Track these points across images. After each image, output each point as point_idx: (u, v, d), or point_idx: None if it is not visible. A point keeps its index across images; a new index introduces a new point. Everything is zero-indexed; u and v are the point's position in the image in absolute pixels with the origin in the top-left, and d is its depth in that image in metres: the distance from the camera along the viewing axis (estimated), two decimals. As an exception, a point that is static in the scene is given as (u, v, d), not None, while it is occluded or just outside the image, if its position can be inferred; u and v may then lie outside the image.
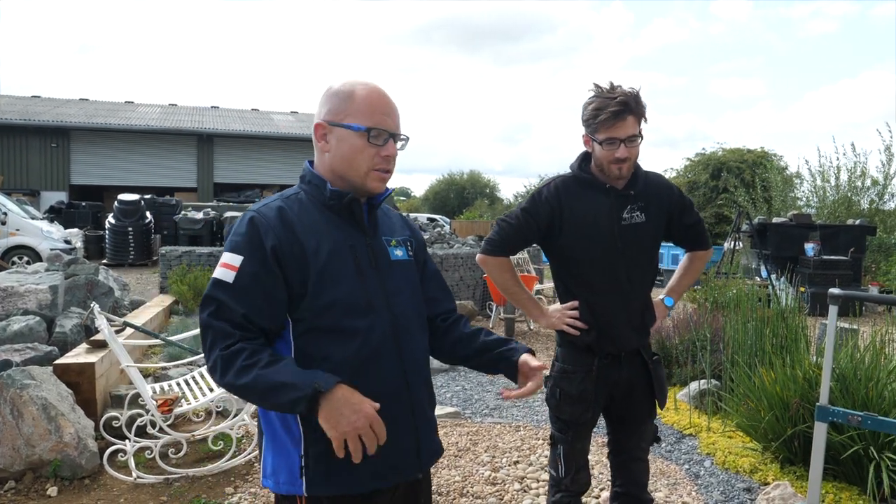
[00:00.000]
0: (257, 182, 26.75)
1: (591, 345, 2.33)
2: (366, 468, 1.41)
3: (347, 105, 1.51)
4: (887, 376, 3.96)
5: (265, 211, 1.48)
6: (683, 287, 2.62)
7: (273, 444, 1.49)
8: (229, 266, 1.41)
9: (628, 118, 2.19)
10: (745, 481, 3.84)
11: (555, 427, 2.45)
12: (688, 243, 2.54)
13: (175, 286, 7.94)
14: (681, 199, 2.45)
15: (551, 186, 2.36)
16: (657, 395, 2.41)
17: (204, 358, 1.42)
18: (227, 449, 3.86)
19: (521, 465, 3.98)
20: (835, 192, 16.99)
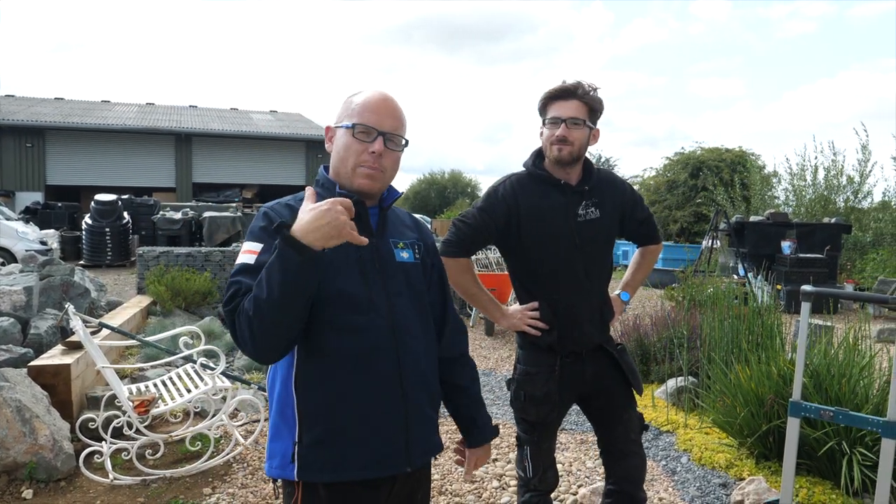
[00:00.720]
0: (237, 182, 26.54)
1: (552, 344, 2.31)
2: (355, 458, 1.49)
3: (345, 108, 1.61)
4: (860, 373, 4.03)
5: (276, 206, 1.57)
6: (637, 281, 2.63)
7: (274, 430, 1.54)
8: (250, 251, 1.47)
9: (572, 101, 2.22)
10: (721, 477, 3.88)
11: (520, 428, 2.43)
12: (640, 238, 2.57)
13: (153, 287, 7.86)
14: (632, 195, 2.47)
15: (507, 184, 2.34)
16: (631, 381, 2.39)
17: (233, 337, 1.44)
18: (205, 450, 3.84)
19: (499, 462, 4.00)
20: (812, 190, 17.22)
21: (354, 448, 1.49)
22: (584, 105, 2.23)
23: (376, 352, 1.52)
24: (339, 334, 1.49)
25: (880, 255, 14.40)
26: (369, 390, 1.50)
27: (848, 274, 13.92)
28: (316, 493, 1.49)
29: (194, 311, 8.02)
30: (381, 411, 1.51)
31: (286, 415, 1.51)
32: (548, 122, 2.25)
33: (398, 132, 1.60)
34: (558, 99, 2.22)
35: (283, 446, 1.51)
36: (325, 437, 1.48)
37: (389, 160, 1.59)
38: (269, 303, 1.33)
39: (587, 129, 2.26)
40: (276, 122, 29.57)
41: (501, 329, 8.74)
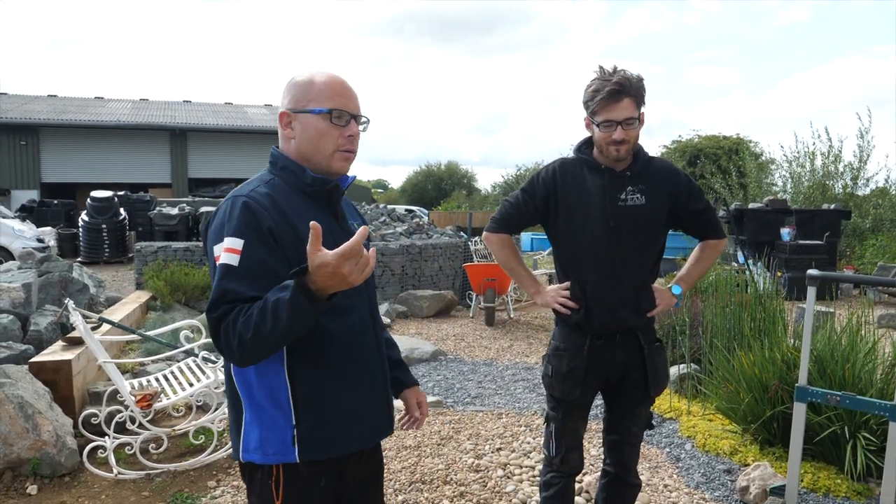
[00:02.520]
0: (232, 176, 26.39)
1: (580, 324, 2.36)
2: (352, 432, 1.57)
3: (308, 92, 1.58)
4: (863, 358, 4.03)
5: (255, 196, 1.50)
6: (693, 276, 2.60)
7: (259, 421, 1.52)
8: (232, 250, 1.42)
9: (625, 100, 2.20)
10: (726, 463, 3.88)
11: (548, 405, 2.50)
12: (697, 231, 2.52)
13: (151, 282, 7.83)
14: (688, 185, 2.44)
15: (550, 168, 2.44)
16: (650, 382, 2.41)
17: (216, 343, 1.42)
18: (208, 443, 3.82)
19: (503, 451, 4.00)
20: (810, 177, 17.19)
21: (352, 423, 1.57)
22: (633, 101, 2.23)
23: (363, 331, 1.61)
24: (330, 318, 1.51)
25: (879, 240, 14.40)
26: (360, 368, 1.59)
27: (847, 260, 13.93)
28: (297, 471, 1.53)
29: (193, 305, 8.00)
30: (371, 386, 1.62)
31: (279, 401, 1.51)
32: (602, 126, 2.25)
33: (361, 112, 1.63)
34: (611, 102, 2.21)
35: (279, 434, 1.51)
36: (325, 418, 1.53)
37: (357, 143, 1.63)
38: (272, 336, 1.34)
39: (640, 122, 2.28)
40: (271, 115, 29.43)
41: (502, 319, 8.73)
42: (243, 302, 1.38)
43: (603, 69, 2.28)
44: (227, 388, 1.60)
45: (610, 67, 2.27)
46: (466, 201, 40.40)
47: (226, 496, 3.35)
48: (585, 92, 2.31)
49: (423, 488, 3.45)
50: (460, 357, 6.71)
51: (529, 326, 8.40)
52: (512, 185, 38.31)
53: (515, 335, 7.83)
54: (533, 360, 6.58)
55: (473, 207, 34.43)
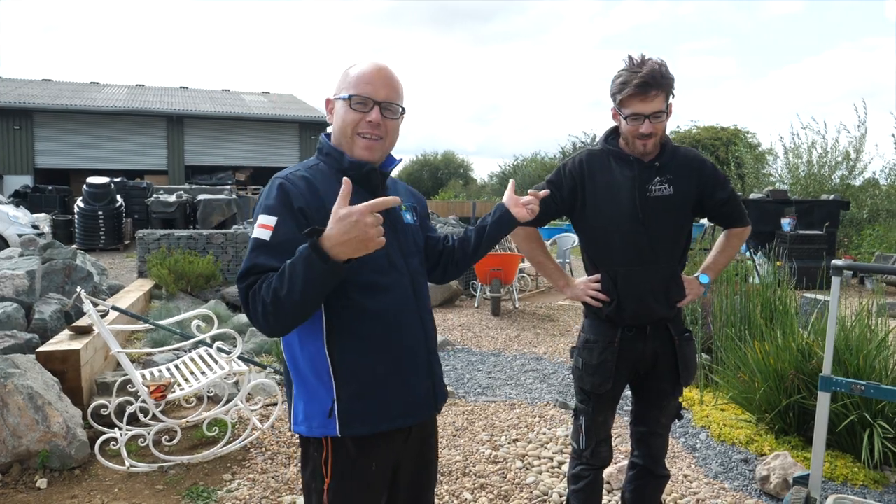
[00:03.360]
0: (230, 164, 26.29)
1: (611, 316, 2.35)
2: (391, 409, 1.60)
3: (344, 80, 1.66)
4: (876, 348, 4.01)
5: (292, 178, 1.58)
6: (720, 265, 2.58)
7: (305, 393, 1.60)
8: (266, 226, 1.49)
9: (653, 93, 2.17)
10: (742, 452, 3.87)
11: (578, 398, 2.47)
12: (723, 220, 2.51)
13: (155, 270, 7.75)
14: (713, 175, 2.41)
15: (576, 159, 2.41)
16: (681, 372, 2.39)
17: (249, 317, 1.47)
18: (222, 435, 3.78)
19: (520, 443, 3.97)
20: (807, 167, 17.19)
21: (390, 400, 1.60)
22: (662, 93, 2.19)
23: (403, 307, 1.63)
24: (366, 296, 1.56)
25: (876, 230, 14.44)
26: (400, 346, 1.61)
27: (845, 249, 13.95)
28: (345, 447, 1.57)
29: (198, 294, 7.93)
30: (411, 363, 1.64)
31: (321, 376, 1.56)
32: (629, 119, 2.22)
33: (394, 101, 1.65)
34: (638, 94, 2.17)
35: (321, 406, 1.57)
36: (363, 392, 1.57)
37: (387, 129, 1.65)
38: (289, 300, 1.38)
39: (668, 114, 2.26)
40: (268, 103, 29.24)
41: (507, 309, 8.70)
42: (269, 272, 1.44)
43: (632, 59, 2.24)
44: (282, 364, 1.72)
45: (638, 57, 2.23)
46: (463, 191, 40.30)
47: (242, 489, 3.30)
48: (613, 83, 2.27)
49: (443, 480, 3.42)
50: (468, 347, 6.68)
51: (535, 316, 8.37)
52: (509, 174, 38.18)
53: (522, 325, 7.80)
54: (541, 350, 6.56)
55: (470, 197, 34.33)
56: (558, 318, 8.30)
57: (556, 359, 6.20)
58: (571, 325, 7.86)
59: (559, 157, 30.30)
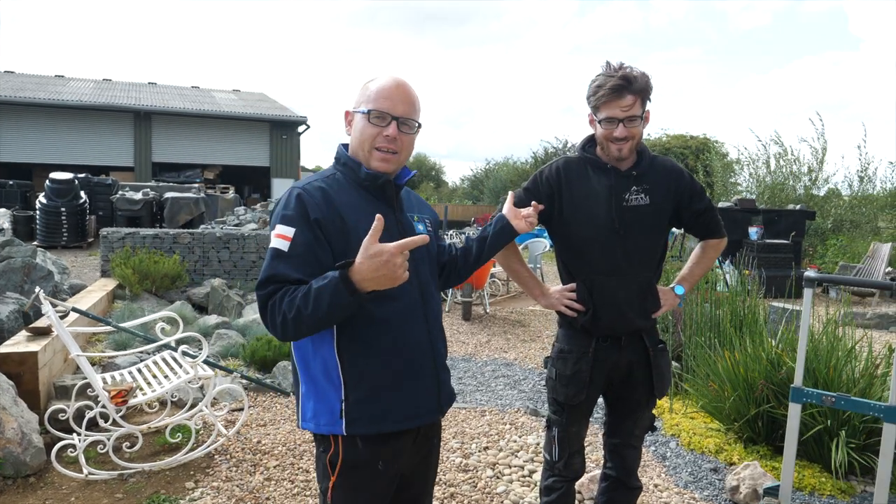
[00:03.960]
0: (198, 162, 25.85)
1: (586, 326, 2.32)
2: (396, 411, 1.67)
3: (363, 94, 1.74)
4: (845, 357, 4.06)
5: (310, 189, 1.65)
6: (696, 276, 2.56)
7: (315, 392, 1.68)
8: (284, 237, 1.57)
9: (628, 97, 2.15)
10: (712, 461, 3.88)
11: (551, 409, 2.44)
12: (699, 230, 2.49)
13: (119, 269, 7.54)
14: (691, 185, 2.40)
15: (553, 167, 2.38)
16: (655, 383, 2.38)
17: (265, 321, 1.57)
18: (185, 441, 3.66)
19: (491, 450, 3.92)
20: (772, 178, 17.51)
21: (396, 402, 1.67)
22: (637, 98, 2.17)
23: (411, 316, 1.70)
24: (375, 305, 1.60)
25: (840, 240, 14.76)
26: (407, 350, 1.68)
27: (810, 259, 14.22)
28: (355, 445, 1.65)
29: (163, 295, 7.74)
30: (417, 367, 1.71)
31: (331, 377, 1.64)
32: (604, 122, 2.20)
33: (411, 116, 1.74)
34: (613, 99, 2.15)
35: (329, 405, 1.65)
36: (370, 394, 1.64)
37: (403, 143, 1.73)
38: (311, 319, 1.49)
39: (644, 120, 2.23)
40: (239, 101, 28.85)
41: (478, 314, 8.67)
42: (289, 283, 1.53)
43: (609, 64, 2.23)
44: (292, 364, 1.76)
45: (616, 63, 2.22)
46: (435, 194, 40.28)
47: (205, 498, 3.20)
48: (589, 87, 2.26)
49: (412, 489, 3.35)
50: (438, 351, 6.61)
51: (506, 321, 8.35)
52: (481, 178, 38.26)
53: (493, 330, 7.77)
54: (512, 356, 6.53)
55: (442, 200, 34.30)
56: (529, 323, 8.29)
57: (526, 365, 6.18)
58: (542, 330, 7.85)
59: (531, 162, 30.41)
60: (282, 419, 4.33)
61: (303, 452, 3.77)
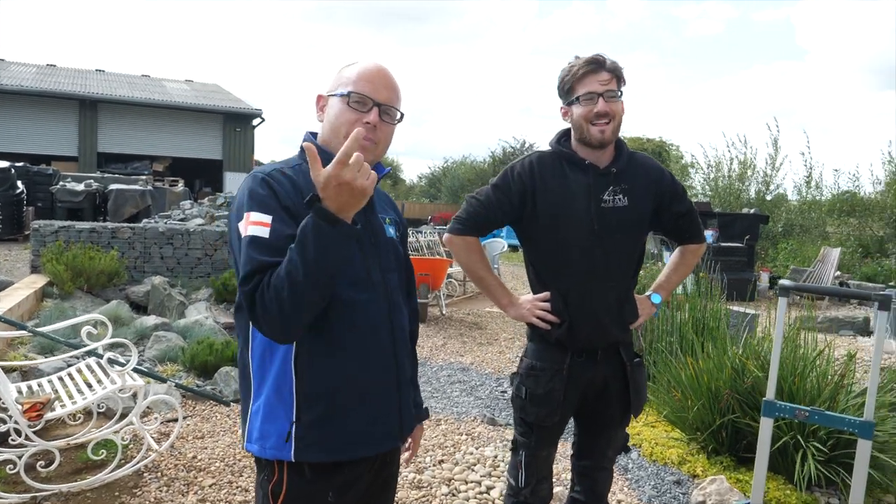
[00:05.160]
0: (147, 153, 24.98)
1: (561, 339, 2.10)
2: (354, 437, 1.49)
3: (341, 76, 1.56)
4: (810, 365, 3.97)
5: (276, 175, 1.47)
6: (673, 283, 2.38)
7: (263, 409, 1.48)
8: (261, 223, 1.38)
9: (603, 74, 2.01)
10: (675, 473, 3.74)
11: (518, 430, 2.21)
12: (678, 234, 2.31)
13: (50, 265, 7.05)
14: (672, 185, 2.21)
15: (525, 162, 2.15)
16: (632, 400, 2.18)
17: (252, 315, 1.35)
18: (110, 458, 3.32)
19: (446, 464, 3.70)
20: (727, 181, 17.80)
21: (354, 427, 1.49)
22: (613, 76, 2.03)
23: (376, 329, 1.53)
24: (342, 311, 1.46)
25: (790, 244, 15.05)
26: (369, 369, 1.51)
27: (762, 262, 14.43)
28: (302, 474, 1.47)
29: (98, 293, 7.26)
30: (379, 389, 1.54)
31: (283, 394, 1.46)
32: (582, 99, 2.02)
33: (393, 104, 1.57)
34: (589, 73, 2.02)
35: (279, 427, 1.46)
36: (325, 416, 1.46)
37: (383, 133, 1.56)
38: (306, 281, 1.29)
39: (621, 101, 2.06)
40: (192, 91, 27.99)
41: (434, 316, 8.43)
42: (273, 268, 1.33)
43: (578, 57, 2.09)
44: (239, 373, 1.56)
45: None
46: (392, 191, 39.93)
47: (130, 521, 2.89)
48: (560, 77, 2.10)
49: (361, 510, 3.10)
50: (392, 355, 6.36)
51: (462, 324, 8.15)
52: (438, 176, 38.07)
53: (449, 333, 7.54)
54: (468, 360, 6.32)
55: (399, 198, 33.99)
56: (486, 325, 8.11)
57: (483, 369, 5.99)
58: (499, 333, 7.68)
59: (489, 162, 30.35)
60: (222, 430, 4.02)
61: (243, 469, 3.47)
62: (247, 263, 1.35)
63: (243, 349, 1.53)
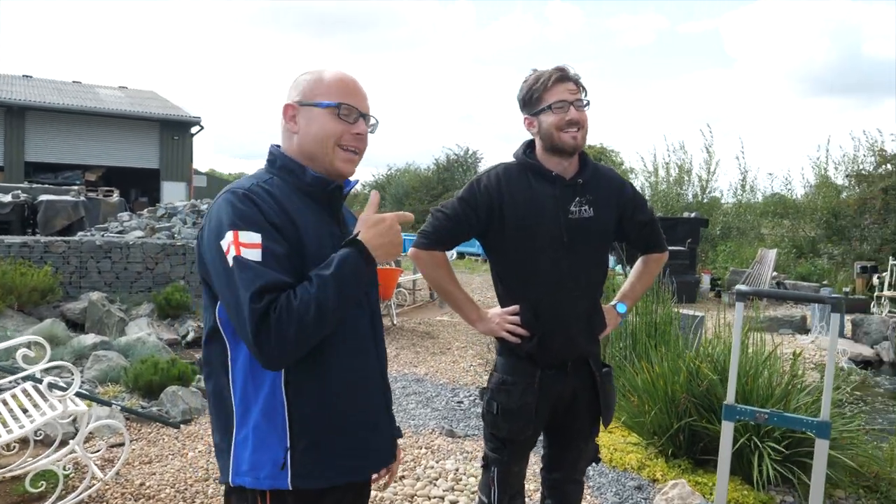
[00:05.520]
0: (78, 162, 24.00)
1: (532, 353, 2.07)
2: (352, 460, 1.46)
3: (318, 86, 1.51)
4: (763, 366, 4.06)
5: (256, 189, 1.40)
6: (637, 292, 2.39)
7: (253, 439, 1.41)
8: (251, 245, 1.31)
9: (570, 83, 2.02)
10: (635, 479, 3.76)
11: (489, 446, 2.17)
12: (641, 244, 2.32)
13: (-24, 283, 6.66)
14: (634, 196, 2.24)
15: (492, 174, 2.12)
16: (602, 411, 2.18)
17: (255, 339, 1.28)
18: (50, 489, 3.12)
19: (407, 480, 3.62)
20: (666, 185, 18.29)
21: (349, 450, 1.46)
22: (579, 87, 2.04)
23: (364, 346, 1.51)
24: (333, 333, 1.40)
25: (728, 246, 15.56)
26: (361, 388, 1.49)
27: (703, 264, 14.85)
28: (284, 502, 1.41)
29: (31, 311, 6.88)
30: (372, 408, 1.53)
31: (274, 421, 1.40)
32: (555, 107, 2.01)
33: (371, 113, 1.57)
34: (558, 82, 2.02)
35: (272, 455, 1.40)
36: (321, 441, 1.42)
37: (365, 143, 1.55)
38: (335, 312, 1.31)
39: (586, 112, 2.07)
40: (126, 98, 27.06)
41: (387, 326, 8.33)
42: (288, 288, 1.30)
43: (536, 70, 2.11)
44: (214, 404, 1.47)
45: None
46: (336, 198, 39.40)
47: (74, 558, 2.71)
48: (522, 88, 2.10)
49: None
50: (345, 367, 6.24)
51: (414, 333, 8.08)
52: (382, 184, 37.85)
53: (401, 343, 7.46)
54: (422, 370, 6.26)
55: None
56: (438, 334, 8.06)
57: (438, 380, 5.93)
58: (452, 342, 7.64)
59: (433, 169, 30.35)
60: (170, 454, 3.83)
61: (195, 494, 3.31)
62: (256, 278, 1.28)
63: (219, 377, 1.45)
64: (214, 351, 1.44)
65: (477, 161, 29.46)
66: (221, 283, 1.33)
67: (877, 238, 13.14)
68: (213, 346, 1.44)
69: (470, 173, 27.34)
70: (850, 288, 11.38)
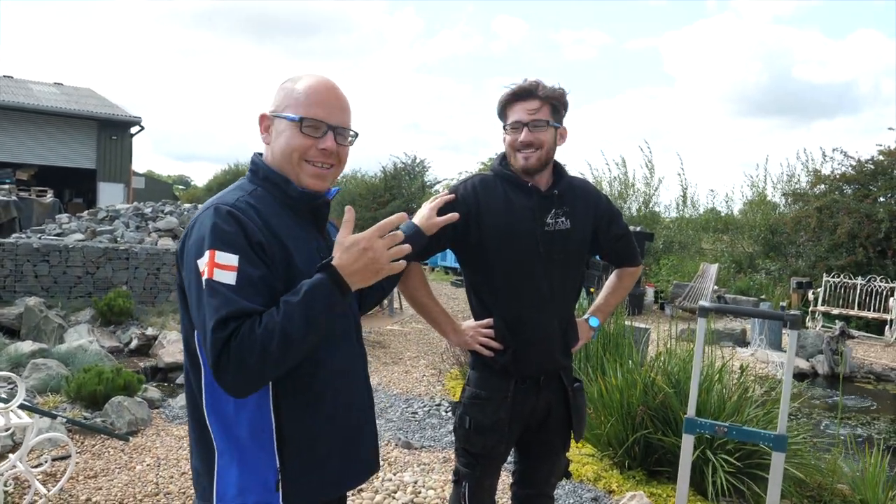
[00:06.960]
0: (10, 160, 22.91)
1: (506, 366, 2.06)
2: (342, 475, 1.45)
3: (288, 96, 1.46)
4: (714, 378, 4.17)
5: (241, 206, 1.36)
6: (611, 306, 2.41)
7: (240, 462, 1.37)
8: (226, 267, 1.26)
9: (533, 101, 2.01)
10: (591, 490, 3.80)
11: (461, 461, 2.14)
12: (615, 257, 2.34)
13: None
14: (609, 208, 2.24)
15: (468, 184, 2.12)
16: (574, 426, 2.18)
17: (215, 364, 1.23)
18: (-11, 508, 2.95)
19: (366, 493, 3.57)
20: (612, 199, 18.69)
21: (342, 465, 1.45)
22: (545, 104, 2.02)
23: (353, 360, 1.51)
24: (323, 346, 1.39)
25: (671, 260, 15.98)
26: (352, 401, 1.48)
27: (647, 277, 15.21)
28: None
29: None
30: (362, 422, 1.52)
31: (262, 442, 1.36)
32: (509, 128, 2.03)
33: (347, 125, 1.50)
34: (517, 101, 2.02)
35: (262, 477, 1.36)
36: (312, 459, 1.40)
37: (339, 156, 1.49)
38: (301, 341, 1.24)
39: (552, 129, 2.04)
40: (62, 95, 26.01)
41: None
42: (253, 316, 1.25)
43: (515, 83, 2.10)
44: (193, 429, 1.42)
45: None
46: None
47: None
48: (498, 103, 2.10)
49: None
50: (297, 377, 6.12)
51: (366, 342, 7.98)
52: (330, 189, 37.58)
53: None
54: (375, 380, 6.18)
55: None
56: (389, 344, 8.01)
57: (391, 390, 5.89)
58: (403, 351, 7.60)
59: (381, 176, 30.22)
60: (116, 467, 3.67)
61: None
62: (218, 309, 1.23)
63: (196, 396, 1.40)
64: (192, 367, 1.40)
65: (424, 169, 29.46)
66: (193, 301, 1.30)
67: (811, 255, 13.69)
68: (191, 360, 1.41)
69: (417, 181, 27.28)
70: (787, 302, 11.84)
